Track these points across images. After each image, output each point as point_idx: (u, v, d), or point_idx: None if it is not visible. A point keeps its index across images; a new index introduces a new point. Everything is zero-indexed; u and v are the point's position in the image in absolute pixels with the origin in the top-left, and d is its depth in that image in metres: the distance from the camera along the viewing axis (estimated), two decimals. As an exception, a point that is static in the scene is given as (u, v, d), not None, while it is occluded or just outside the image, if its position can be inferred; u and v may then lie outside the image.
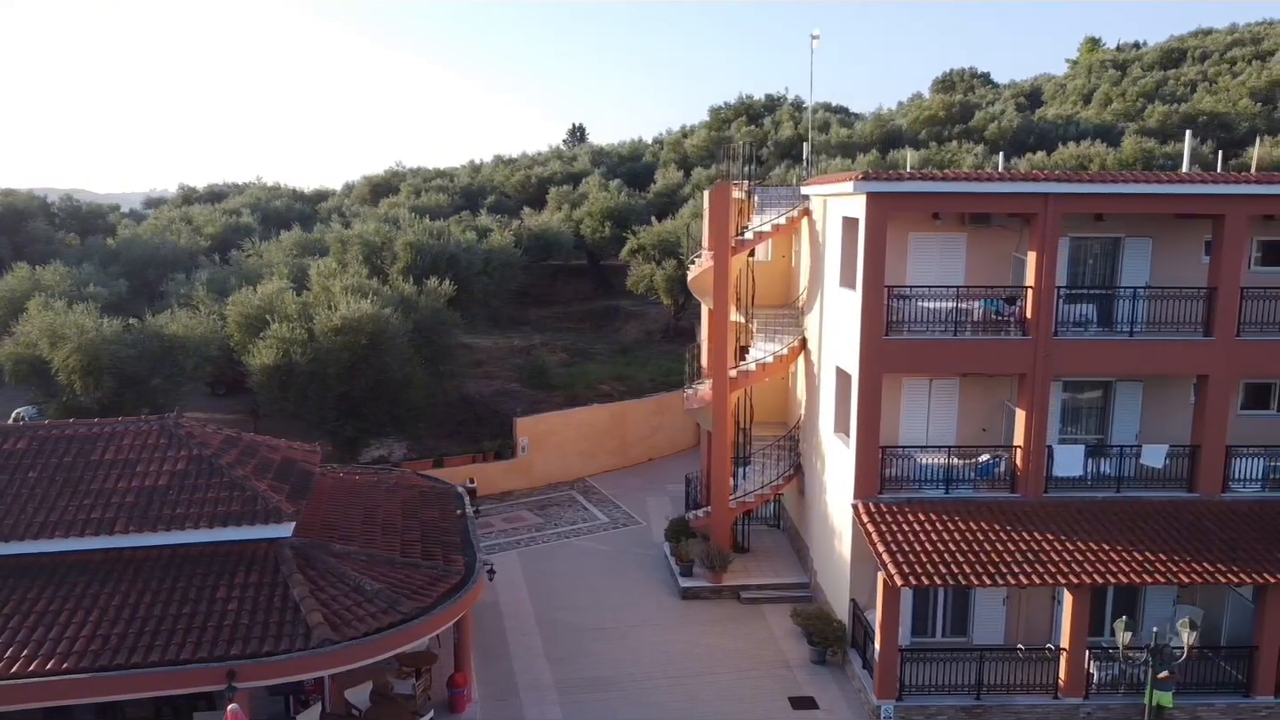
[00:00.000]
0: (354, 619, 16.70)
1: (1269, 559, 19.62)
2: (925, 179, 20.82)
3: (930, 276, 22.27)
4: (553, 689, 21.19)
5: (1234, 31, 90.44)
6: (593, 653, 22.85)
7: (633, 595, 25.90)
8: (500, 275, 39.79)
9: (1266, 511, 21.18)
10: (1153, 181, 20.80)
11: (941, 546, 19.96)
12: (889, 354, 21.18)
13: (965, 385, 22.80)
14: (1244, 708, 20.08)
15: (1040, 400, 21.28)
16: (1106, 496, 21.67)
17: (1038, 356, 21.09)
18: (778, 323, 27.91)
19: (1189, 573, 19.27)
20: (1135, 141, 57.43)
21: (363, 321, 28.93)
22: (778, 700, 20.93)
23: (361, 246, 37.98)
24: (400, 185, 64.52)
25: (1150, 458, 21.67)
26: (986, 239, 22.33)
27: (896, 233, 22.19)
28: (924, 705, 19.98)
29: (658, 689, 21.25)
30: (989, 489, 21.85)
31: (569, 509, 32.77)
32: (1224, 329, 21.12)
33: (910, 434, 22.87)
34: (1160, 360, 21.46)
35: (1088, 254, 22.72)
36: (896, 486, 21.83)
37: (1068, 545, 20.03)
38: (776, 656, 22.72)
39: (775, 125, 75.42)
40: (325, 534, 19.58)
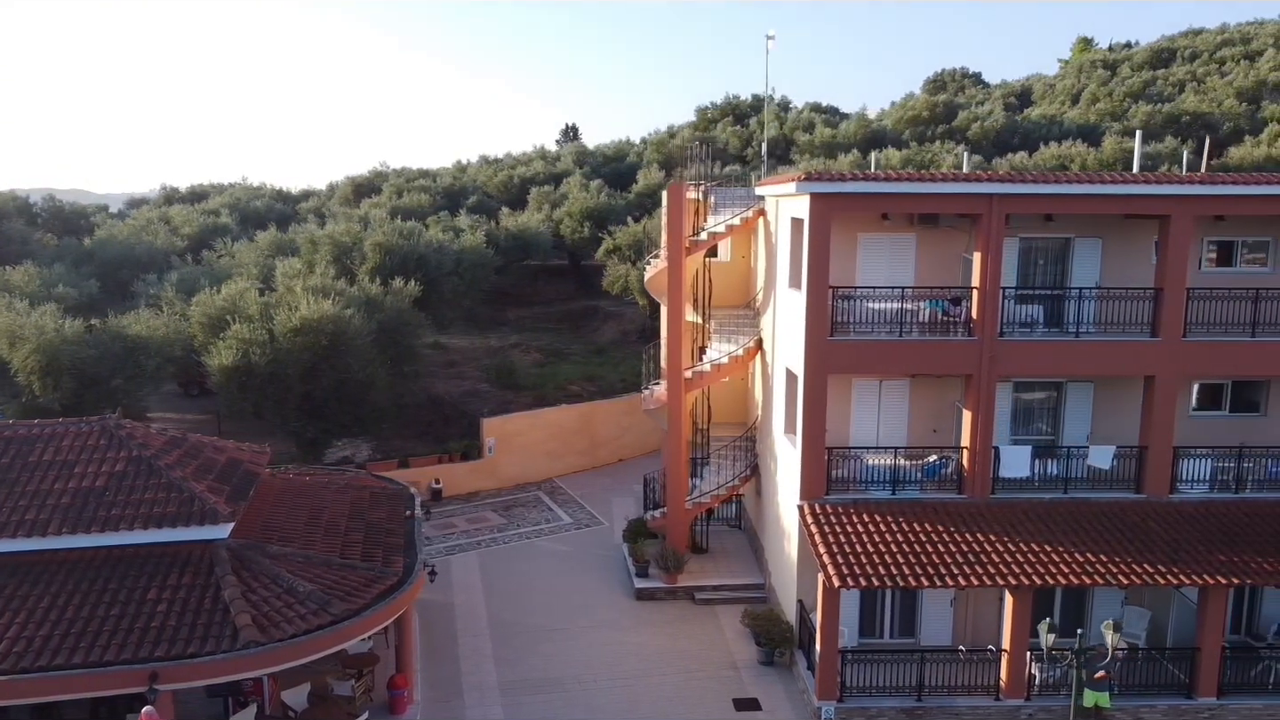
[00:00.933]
0: (283, 620, 16.67)
1: (1210, 561, 19.59)
2: (868, 179, 20.78)
3: (880, 277, 22.22)
4: (497, 690, 21.17)
5: (1224, 31, 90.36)
6: (542, 654, 22.82)
7: (588, 596, 25.86)
8: (471, 276, 39.75)
9: (1212, 513, 21.16)
10: (1096, 182, 20.77)
11: (884, 548, 19.93)
12: (834, 355, 21.14)
13: (916, 386, 22.75)
14: (1186, 709, 20.04)
15: (986, 401, 21.24)
16: (1054, 497, 21.64)
17: (983, 357, 21.06)
18: (735, 323, 27.88)
19: (1129, 574, 19.24)
20: (1116, 141, 57.36)
21: (323, 322, 28.91)
22: (721, 701, 20.89)
23: (331, 247, 37.95)
24: (383, 185, 64.42)
25: (1097, 459, 21.63)
26: (936, 239, 22.29)
27: (845, 233, 22.18)
28: (865, 707, 19.94)
29: (602, 690, 21.22)
30: (936, 490, 21.82)
31: (533, 510, 32.74)
32: (1170, 330, 21.09)
33: (861, 435, 22.83)
34: (1107, 361, 21.43)
35: (1038, 255, 22.66)
36: (843, 488, 21.79)
37: (1011, 546, 19.99)
38: (725, 658, 22.69)
39: (761, 125, 75.30)
40: (266, 535, 19.55)
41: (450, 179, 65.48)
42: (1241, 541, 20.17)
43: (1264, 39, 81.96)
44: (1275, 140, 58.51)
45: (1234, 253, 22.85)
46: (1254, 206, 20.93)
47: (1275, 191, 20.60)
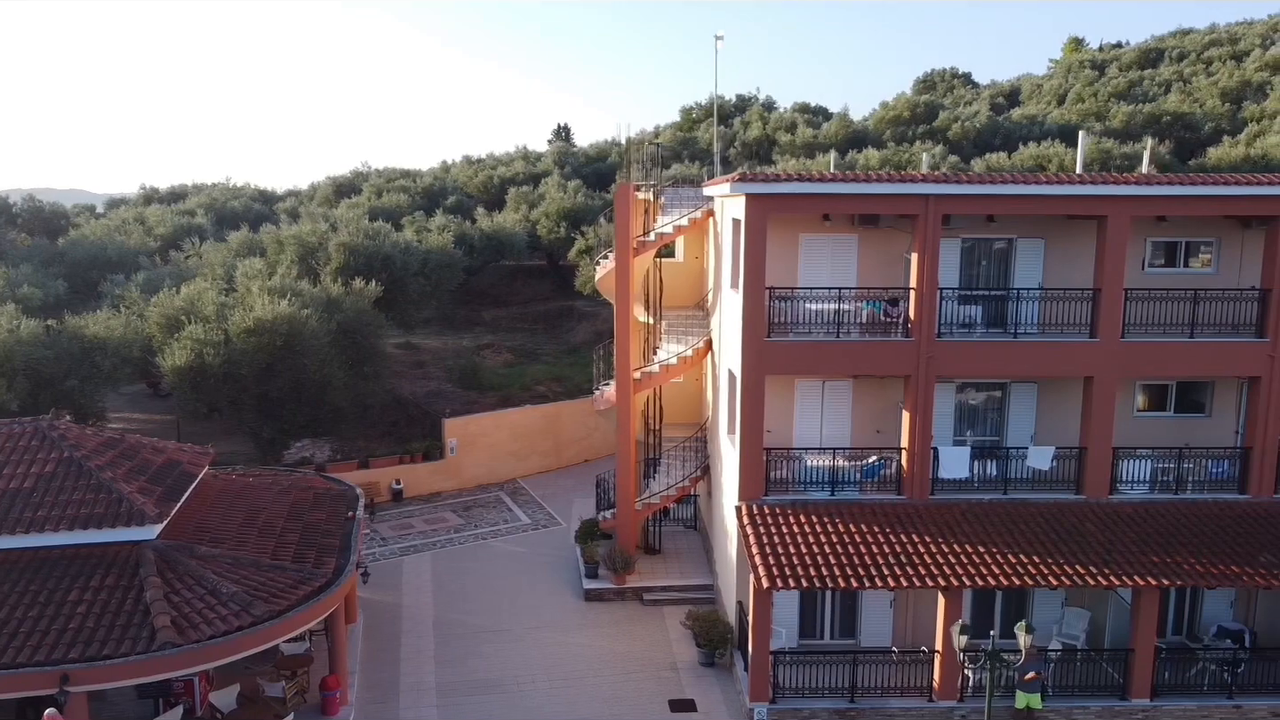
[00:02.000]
0: (203, 621, 16.65)
1: (1143, 562, 19.56)
2: (803, 180, 20.75)
3: (822, 278, 22.19)
4: (434, 692, 21.14)
5: (1212, 32, 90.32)
6: (484, 655, 22.79)
7: (537, 597, 25.84)
8: (438, 276, 39.71)
9: (1151, 514, 21.14)
10: (1032, 183, 20.75)
11: (818, 548, 19.90)
12: (771, 356, 21.11)
13: (859, 387, 22.72)
14: (1119, 710, 20.01)
15: (924, 402, 21.22)
16: (992, 498, 21.63)
17: (920, 358, 21.03)
18: (687, 324, 27.87)
19: (1059, 575, 19.21)
20: (1094, 141, 57.34)
21: (277, 322, 28.89)
22: (658, 703, 20.87)
23: (297, 247, 37.93)
24: (363, 185, 64.41)
25: (1036, 460, 21.61)
26: (877, 240, 22.25)
27: (787, 234, 22.17)
28: (798, 708, 19.92)
29: (539, 692, 21.20)
30: (876, 491, 21.80)
31: (493, 510, 32.71)
32: (1108, 330, 21.07)
33: (804, 435, 22.80)
34: (1046, 362, 21.41)
35: (981, 255, 22.64)
36: (782, 489, 21.77)
37: (945, 548, 19.97)
38: (667, 659, 22.66)
39: (744, 125, 75.37)
40: (198, 536, 19.53)
41: (431, 179, 65.47)
42: (1177, 543, 20.15)
43: (1251, 39, 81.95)
44: (1254, 140, 58.50)
45: (1178, 254, 22.82)
46: (1190, 207, 20.90)
47: (1209, 192, 20.59)
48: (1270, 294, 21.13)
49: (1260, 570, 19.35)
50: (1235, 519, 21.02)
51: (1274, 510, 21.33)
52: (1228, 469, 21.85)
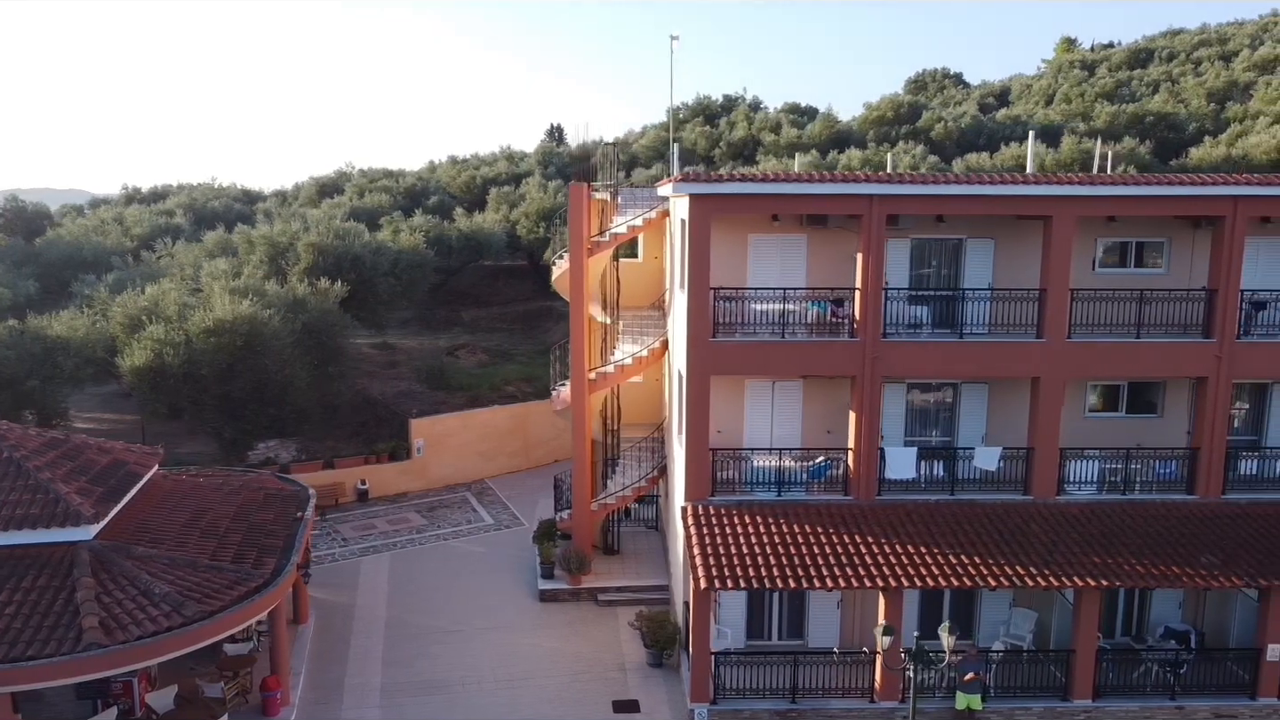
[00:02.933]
0: (133, 622, 16.63)
1: (1084, 563, 19.52)
2: (745, 180, 20.75)
3: (771, 278, 22.16)
4: (378, 692, 21.12)
5: (1202, 32, 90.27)
6: (433, 656, 22.77)
7: (492, 597, 25.82)
8: (409, 277, 39.68)
9: (1097, 514, 21.10)
10: (975, 183, 20.74)
11: (759, 549, 19.87)
12: (716, 356, 21.08)
13: (809, 387, 22.67)
14: (1061, 711, 19.97)
15: (870, 402, 21.19)
16: (940, 499, 21.59)
17: (866, 358, 21.00)
18: (645, 324, 27.85)
19: (998, 576, 19.17)
20: (1073, 142, 57.37)
21: (237, 323, 28.86)
22: (601, 703, 20.84)
23: (267, 247, 37.92)
24: (346, 185, 64.40)
25: (983, 460, 21.57)
26: (826, 240, 22.20)
27: (736, 234, 22.15)
28: (739, 709, 19.88)
29: (484, 692, 21.17)
30: (823, 491, 21.77)
31: (458, 511, 32.69)
32: (1054, 331, 21.04)
33: (755, 436, 22.76)
34: (992, 362, 21.37)
35: (932, 255, 22.59)
36: (729, 489, 21.74)
37: (887, 548, 19.93)
38: (616, 659, 22.63)
39: (730, 126, 75.34)
40: (139, 536, 19.50)
41: (413, 180, 65.44)
42: (1119, 543, 20.11)
43: (1241, 39, 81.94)
44: (1235, 140, 58.49)
45: (1128, 254, 22.78)
46: (1134, 207, 20.89)
47: (1153, 192, 20.58)
48: (1216, 294, 21.09)
49: (1200, 571, 19.32)
50: (1181, 520, 20.98)
51: (1221, 511, 21.29)
52: (1175, 470, 21.82)
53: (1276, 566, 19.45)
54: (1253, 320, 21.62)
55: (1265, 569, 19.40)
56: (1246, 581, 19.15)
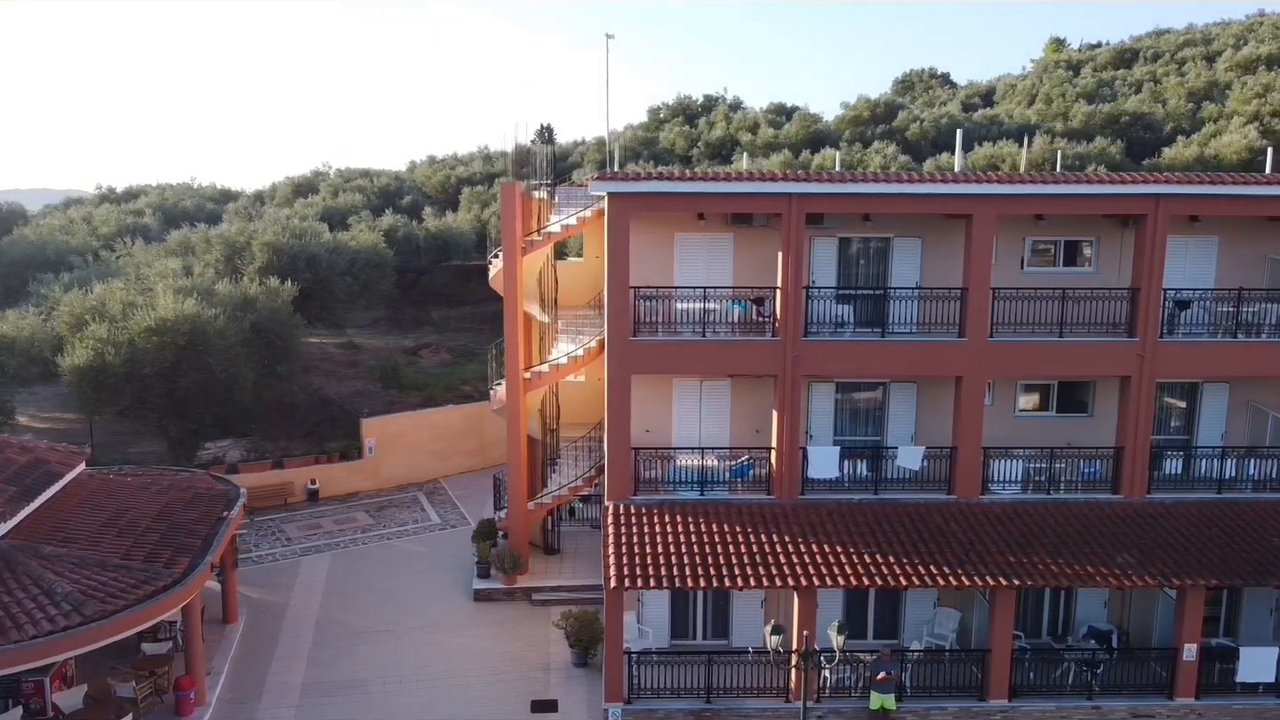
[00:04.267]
0: (29, 622, 16.59)
1: (999, 562, 19.46)
2: (663, 179, 20.71)
3: (698, 276, 22.12)
4: (297, 692, 21.06)
5: (1188, 32, 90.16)
6: (358, 655, 22.72)
7: (427, 597, 25.77)
8: (367, 276, 39.62)
9: (1020, 514, 21.06)
10: (894, 181, 20.70)
11: (675, 548, 19.82)
12: (637, 355, 21.05)
13: (737, 386, 22.65)
14: (977, 711, 19.90)
15: (792, 401, 21.14)
16: (863, 498, 21.54)
17: (787, 358, 20.95)
18: (583, 323, 27.79)
19: (910, 576, 19.11)
20: (1045, 141, 57.37)
21: (179, 322, 28.82)
22: (521, 703, 20.80)
23: (223, 246, 37.89)
24: (320, 185, 64.39)
25: (906, 459, 21.52)
26: (753, 239, 22.16)
27: (662, 233, 22.15)
28: (653, 709, 19.83)
29: (404, 692, 21.12)
30: (746, 491, 21.73)
31: (407, 510, 32.63)
32: (976, 330, 20.98)
33: (683, 435, 22.75)
34: (916, 361, 21.34)
35: (860, 254, 22.56)
36: (652, 488, 21.71)
37: (804, 547, 19.88)
38: (542, 659, 22.59)
39: (709, 125, 75.29)
40: (52, 536, 19.47)
41: (389, 179, 65.41)
42: (1038, 543, 20.05)
43: (1225, 39, 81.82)
44: (1209, 141, 58.49)
45: (1057, 253, 22.72)
46: (1054, 206, 20.85)
47: (1074, 191, 20.53)
48: (1139, 293, 21.03)
49: (1115, 571, 19.26)
50: (1104, 519, 20.93)
51: (1145, 510, 21.25)
52: (1100, 469, 21.77)
53: (1193, 566, 19.40)
54: (1177, 319, 21.57)
55: (1181, 569, 19.35)
56: (1160, 581, 19.10)
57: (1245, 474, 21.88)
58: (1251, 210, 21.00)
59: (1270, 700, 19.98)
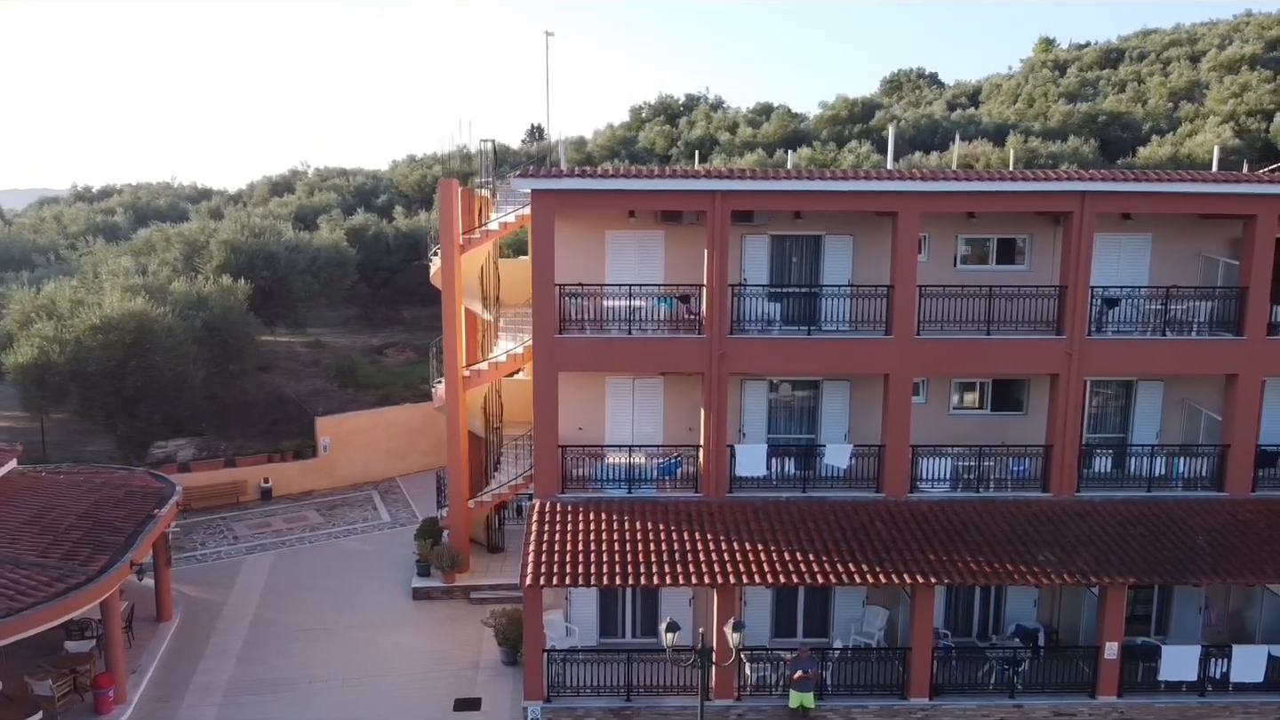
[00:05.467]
0: (-68, 619, 16.53)
1: (920, 560, 19.40)
2: (587, 176, 20.65)
3: (630, 274, 22.07)
4: (222, 691, 21.02)
5: (1174, 32, 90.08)
6: (289, 654, 22.68)
7: (366, 596, 25.73)
8: (327, 275, 39.57)
9: (945, 512, 21.00)
10: (817, 179, 20.65)
11: (595, 545, 19.77)
12: (562, 352, 20.99)
13: (670, 384, 22.59)
14: (898, 709, 19.84)
15: (719, 399, 21.10)
16: (791, 496, 21.49)
17: (713, 355, 20.90)
18: (524, 321, 27.63)
19: (828, 573, 19.06)
20: (1019, 141, 57.41)
21: (124, 320, 28.78)
22: (445, 702, 20.76)
23: (182, 245, 37.86)
24: (296, 184, 64.39)
25: (834, 457, 21.49)
26: (683, 236, 22.10)
27: (593, 230, 22.09)
28: (572, 707, 19.78)
29: (330, 691, 21.08)
30: (675, 489, 21.68)
31: (358, 509, 32.59)
32: (903, 327, 20.93)
33: (616, 433, 22.68)
34: (842, 359, 21.29)
35: (792, 252, 22.50)
36: (580, 486, 21.67)
37: (725, 545, 19.81)
38: (472, 658, 22.56)
39: (690, 125, 75.30)
40: (-29, 533, 19.41)
41: (365, 178, 65.40)
42: (961, 541, 19.99)
43: (1211, 39, 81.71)
44: (1184, 140, 58.49)
45: (990, 251, 22.66)
46: (980, 203, 20.85)
47: (999, 188, 20.49)
48: (1067, 291, 20.97)
49: (1034, 568, 19.20)
50: (1030, 517, 20.87)
51: (1073, 509, 21.19)
52: (1029, 467, 21.72)
53: (1113, 565, 19.34)
54: (1105, 317, 21.51)
55: (1101, 567, 19.29)
56: (1079, 580, 19.05)
57: (1175, 473, 21.82)
58: (1178, 208, 20.95)
59: (1193, 699, 19.94)
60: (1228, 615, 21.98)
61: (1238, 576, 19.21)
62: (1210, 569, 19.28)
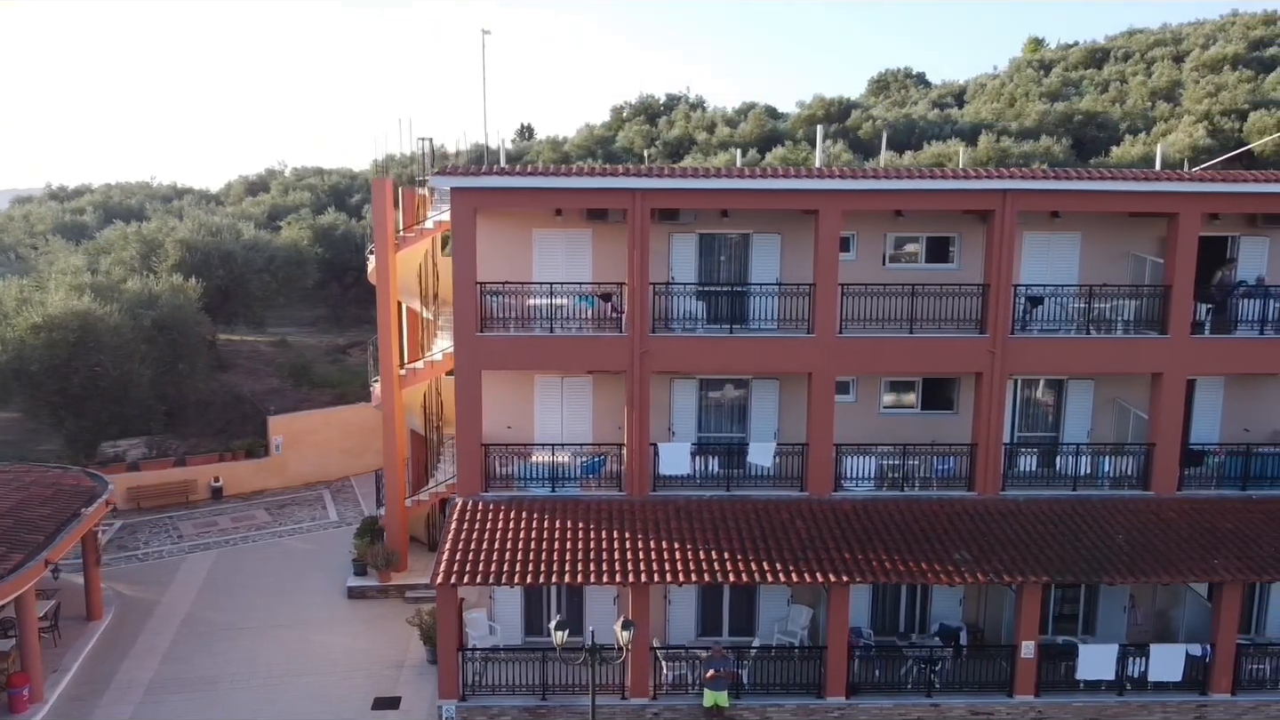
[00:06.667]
0: None
1: (835, 559, 19.34)
2: (505, 174, 20.61)
3: (557, 272, 22.04)
4: (142, 689, 20.97)
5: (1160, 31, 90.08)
6: (216, 652, 22.63)
7: (302, 594, 25.69)
8: (286, 274, 39.53)
9: (867, 511, 20.96)
10: (735, 177, 20.62)
11: (514, 544, 19.72)
12: (485, 351, 20.97)
13: (599, 383, 22.54)
14: (815, 709, 19.79)
15: (641, 397, 21.06)
16: (714, 495, 21.45)
17: (634, 353, 20.87)
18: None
19: (739, 572, 19.02)
20: (990, 140, 57.41)
21: (67, 319, 28.74)
22: (365, 701, 20.71)
23: (140, 244, 37.85)
24: (271, 183, 64.41)
25: (757, 456, 21.45)
26: (611, 234, 22.01)
27: (520, 229, 22.04)
28: (488, 705, 19.74)
29: (251, 689, 21.04)
30: (599, 487, 21.64)
31: (308, 508, 32.55)
32: (824, 326, 20.88)
33: (546, 431, 22.64)
34: (766, 358, 21.24)
35: (721, 250, 22.45)
36: (505, 485, 21.63)
37: (642, 544, 19.78)
38: (398, 657, 22.51)
39: (669, 124, 75.30)
40: (-113, 532, 19.38)
41: (339, 178, 65.41)
42: (879, 539, 19.94)
43: (1195, 39, 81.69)
44: (1157, 140, 58.43)
45: (919, 249, 22.61)
46: (901, 201, 20.81)
47: (919, 186, 20.48)
48: (989, 290, 20.93)
49: (949, 567, 19.16)
50: (954, 516, 20.84)
51: (996, 508, 21.15)
52: (954, 466, 21.67)
53: (1028, 563, 19.29)
54: (1030, 315, 21.46)
55: (1015, 566, 19.25)
56: (991, 578, 19.00)
57: (1101, 471, 21.78)
58: (1101, 206, 20.91)
59: (1111, 698, 19.89)
60: (1153, 615, 21.95)
61: (1153, 575, 19.16)
62: (1126, 568, 19.24)
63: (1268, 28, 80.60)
